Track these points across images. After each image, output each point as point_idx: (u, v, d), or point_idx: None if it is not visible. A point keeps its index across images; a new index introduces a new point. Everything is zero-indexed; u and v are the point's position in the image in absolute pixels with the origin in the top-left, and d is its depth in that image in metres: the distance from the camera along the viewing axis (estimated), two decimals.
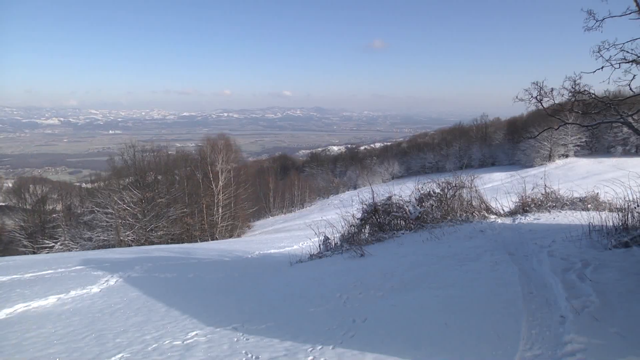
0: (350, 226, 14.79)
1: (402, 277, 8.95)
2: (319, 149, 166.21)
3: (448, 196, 15.36)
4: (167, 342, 6.78)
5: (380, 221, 14.60)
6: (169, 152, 62.48)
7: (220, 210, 50.76)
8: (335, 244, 14.21)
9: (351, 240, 13.71)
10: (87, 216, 44.56)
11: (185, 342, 6.70)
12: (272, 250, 20.12)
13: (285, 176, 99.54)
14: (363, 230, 14.66)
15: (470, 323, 6.17)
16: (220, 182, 51.16)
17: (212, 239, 45.24)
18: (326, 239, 14.53)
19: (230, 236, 49.32)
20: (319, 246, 14.46)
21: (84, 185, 72.35)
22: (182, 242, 39.55)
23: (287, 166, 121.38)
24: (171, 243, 38.32)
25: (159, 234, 40.93)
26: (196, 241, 41.76)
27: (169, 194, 45.63)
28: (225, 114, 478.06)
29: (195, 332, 7.11)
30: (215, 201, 50.56)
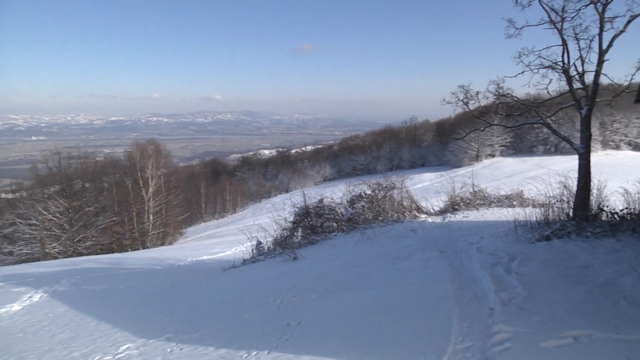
0: (283, 230, 14.97)
1: (335, 279, 9.19)
2: (250, 153, 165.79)
3: (379, 197, 15.91)
4: (97, 358, 6.64)
5: (312, 224, 14.88)
6: (97, 159, 60.29)
7: (151, 217, 49.38)
8: (268, 248, 14.34)
9: (284, 244, 13.88)
10: (7, 229, 41.86)
11: (116, 357, 6.58)
12: (205, 257, 19.94)
13: (217, 181, 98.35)
14: (295, 233, 14.89)
15: (404, 320, 6.49)
16: (150, 189, 49.78)
17: (144, 248, 43.91)
18: (259, 243, 14.62)
19: (162, 244, 48.15)
20: (252, 251, 14.52)
21: (3, 195, 67.70)
22: (113, 252, 38.11)
23: (219, 171, 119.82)
24: (101, 253, 36.74)
25: (87, 244, 39.26)
26: (127, 250, 40.38)
27: (98, 202, 43.86)
28: (155, 119, 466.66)
29: (127, 346, 6.99)
30: (146, 208, 49.11)
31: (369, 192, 16.15)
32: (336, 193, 16.98)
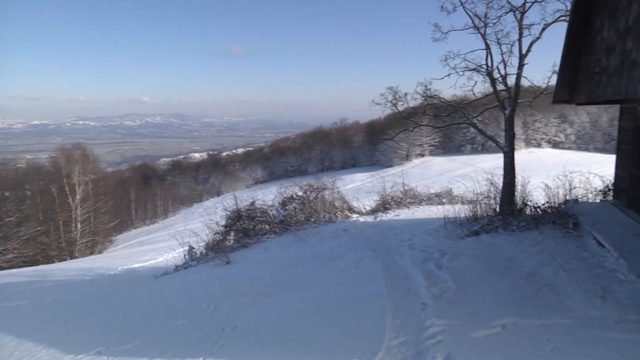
0: (215, 234, 14.89)
1: (269, 281, 9.22)
2: (181, 157, 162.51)
3: (311, 198, 16.11)
4: None
5: (244, 227, 14.86)
6: (18, 165, 56.64)
7: (79, 225, 47.05)
8: (200, 253, 14.19)
9: (216, 248, 13.79)
10: None
11: None
12: (136, 265, 19.32)
13: (147, 186, 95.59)
14: (228, 237, 14.83)
15: (338, 320, 6.61)
16: (77, 196, 47.45)
17: (72, 258, 41.72)
18: (191, 248, 14.43)
19: (92, 253, 45.96)
20: (184, 257, 14.30)
21: None
22: (37, 264, 35.93)
23: (149, 175, 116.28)
24: (24, 266, 34.44)
25: (8, 257, 36.67)
26: (53, 262, 38.19)
27: (20, 211, 41.14)
28: (81, 122, 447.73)
29: None
30: (73, 216, 46.71)
31: (300, 193, 16.33)
32: (268, 195, 17.08)
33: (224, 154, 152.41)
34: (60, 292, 12.69)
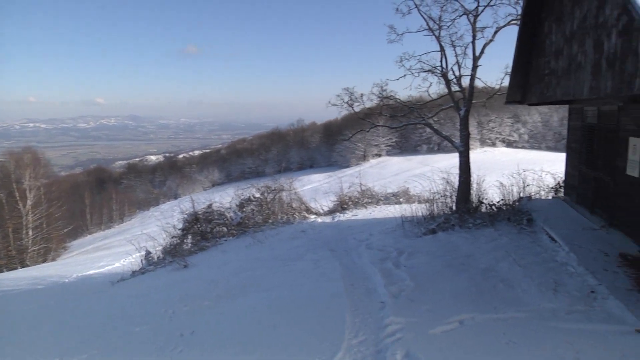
0: (172, 237, 14.74)
1: (228, 284, 9.17)
2: (137, 159, 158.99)
3: (268, 200, 16.12)
4: None
5: (202, 230, 14.79)
6: None
7: (30, 232, 45.19)
8: (157, 257, 13.99)
9: (174, 252, 13.65)
10: None
11: None
12: (92, 272, 18.81)
13: (103, 190, 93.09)
14: (185, 240, 14.71)
15: (298, 321, 6.63)
16: (28, 202, 45.59)
17: (23, 266, 40.01)
18: (148, 253, 14.21)
19: (44, 260, 44.16)
20: (141, 261, 14.08)
21: None
22: None
23: (104, 179, 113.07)
24: None
25: None
26: (2, 271, 36.65)
27: None
28: (31, 124, 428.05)
29: None
30: (24, 223, 44.80)
31: (258, 195, 16.34)
32: (225, 197, 17.05)
33: (181, 156, 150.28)
34: (9, 303, 12.28)
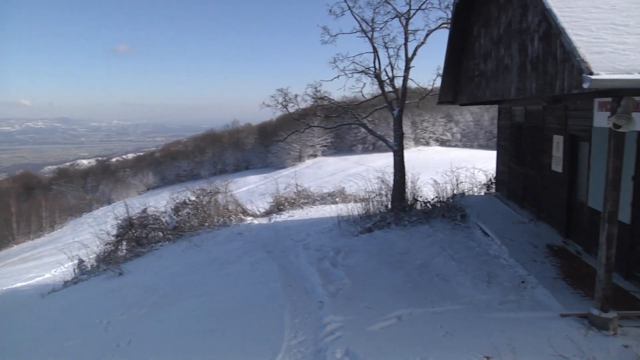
0: (106, 244, 14.26)
1: (165, 290, 9.00)
2: (67, 164, 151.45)
3: (204, 203, 15.95)
4: None
5: (137, 235, 14.43)
6: None
7: None
8: (91, 266, 13.46)
9: (108, 260, 13.18)
10: None
11: None
12: (19, 284, 17.75)
13: (30, 197, 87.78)
14: (120, 247, 14.30)
15: (237, 324, 6.59)
16: None
17: None
18: (81, 262, 13.65)
19: None
20: (74, 271, 13.47)
21: None
22: None
23: (32, 185, 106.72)
24: None
25: None
26: None
27: None
28: None
29: None
30: None
31: (193, 198, 16.14)
32: (160, 201, 16.78)
33: (114, 159, 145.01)
34: None
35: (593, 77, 4.53)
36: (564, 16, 5.51)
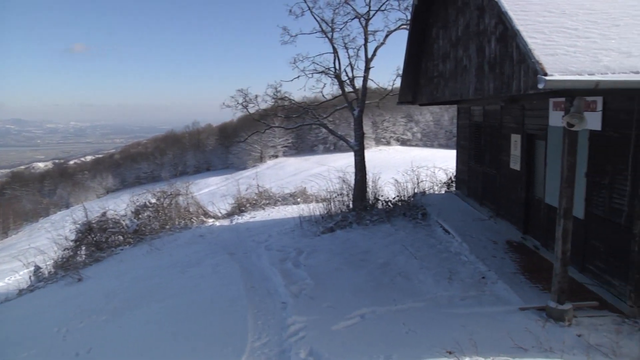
0: (64, 250, 13.88)
1: (126, 296, 8.84)
2: (22, 167, 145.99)
3: (165, 205, 15.75)
4: None
5: (96, 240, 14.12)
6: None
7: None
8: (48, 272, 13.08)
9: (66, 266, 12.83)
10: None
11: None
12: None
13: None
14: (79, 252, 13.93)
15: (200, 327, 6.53)
16: None
17: None
18: (37, 268, 13.24)
19: None
20: (30, 278, 13.06)
21: None
22: None
23: None
24: None
25: None
26: None
27: None
28: None
29: None
30: None
31: (154, 200, 15.91)
32: (120, 204, 16.48)
33: (72, 162, 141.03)
34: None
35: (547, 78, 4.70)
36: (519, 19, 5.71)
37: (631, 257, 5.66)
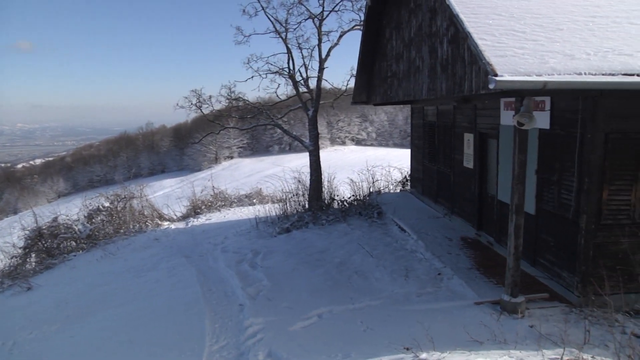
0: (12, 258, 13.43)
1: (79, 303, 8.59)
2: None
3: (119, 209, 15.41)
4: None
5: (47, 246, 13.65)
6: None
7: None
8: None
9: (15, 274, 12.32)
10: None
11: None
12: None
13: None
14: (28, 259, 13.49)
15: (157, 332, 6.42)
16: None
17: None
18: None
19: None
20: None
21: None
22: None
23: None
24: None
25: None
26: None
27: None
28: None
29: None
30: None
31: (107, 204, 15.51)
32: (73, 209, 16.07)
33: (20, 165, 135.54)
34: None
35: (498, 78, 4.85)
36: (469, 22, 5.88)
37: (578, 250, 5.92)
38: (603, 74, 5.05)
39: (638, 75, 5.07)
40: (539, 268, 6.99)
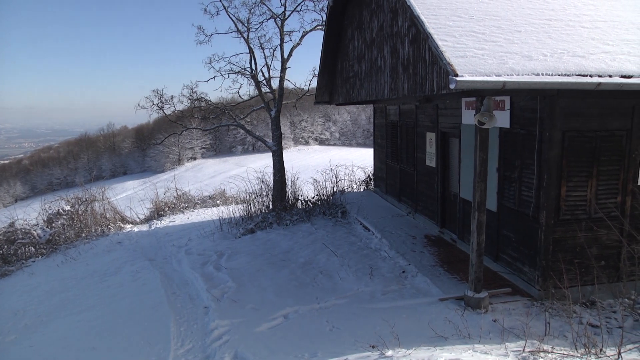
0: None
1: (38, 311, 8.34)
2: None
3: (80, 212, 15.04)
4: None
5: (3, 252, 13.21)
6: None
7: None
8: None
9: None
10: None
11: None
12: None
13: None
14: None
15: (121, 338, 6.29)
16: None
17: None
18: None
19: None
20: None
21: None
22: None
23: None
24: None
25: None
26: None
27: None
28: None
29: None
30: None
31: (68, 207, 15.11)
32: (31, 213, 15.61)
33: None
34: None
35: (458, 79, 4.92)
36: (430, 22, 5.95)
37: (538, 245, 6.08)
38: (559, 75, 5.20)
39: (591, 75, 5.26)
40: (501, 263, 7.13)
